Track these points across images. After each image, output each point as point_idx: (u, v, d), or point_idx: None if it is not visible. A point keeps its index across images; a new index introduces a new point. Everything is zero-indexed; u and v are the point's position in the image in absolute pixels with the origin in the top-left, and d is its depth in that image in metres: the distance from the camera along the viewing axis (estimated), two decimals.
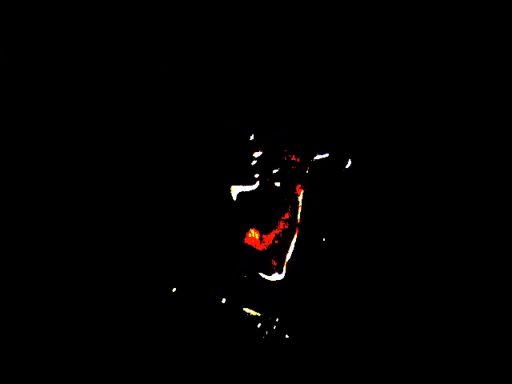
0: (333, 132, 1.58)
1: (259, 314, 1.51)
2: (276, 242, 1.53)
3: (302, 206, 1.54)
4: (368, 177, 1.56)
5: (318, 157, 1.56)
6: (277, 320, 1.52)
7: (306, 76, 1.61)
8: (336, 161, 1.56)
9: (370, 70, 1.59)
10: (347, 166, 1.54)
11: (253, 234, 1.53)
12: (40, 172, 1.60)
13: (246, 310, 1.52)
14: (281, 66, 1.61)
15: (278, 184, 1.55)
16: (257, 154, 1.56)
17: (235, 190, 1.56)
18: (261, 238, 1.54)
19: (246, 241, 1.54)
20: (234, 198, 1.57)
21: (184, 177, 1.60)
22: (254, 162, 1.57)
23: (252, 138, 1.59)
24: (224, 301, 1.53)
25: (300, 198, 1.54)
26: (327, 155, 1.55)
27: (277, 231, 1.54)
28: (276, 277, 1.53)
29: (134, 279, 1.57)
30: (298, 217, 1.54)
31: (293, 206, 1.54)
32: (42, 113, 1.62)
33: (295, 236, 1.54)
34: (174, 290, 1.55)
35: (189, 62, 1.62)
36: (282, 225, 1.54)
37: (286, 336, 1.52)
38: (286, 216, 1.54)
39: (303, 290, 1.54)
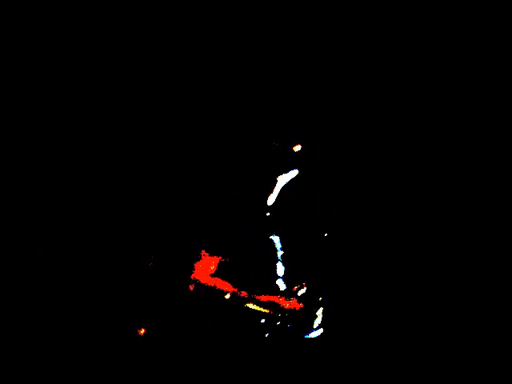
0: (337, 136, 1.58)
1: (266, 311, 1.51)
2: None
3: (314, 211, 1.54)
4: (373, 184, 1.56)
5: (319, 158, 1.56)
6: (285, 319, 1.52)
7: (307, 76, 1.61)
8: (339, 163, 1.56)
9: (371, 72, 1.60)
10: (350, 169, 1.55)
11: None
12: (40, 172, 1.60)
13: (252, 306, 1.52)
14: (281, 66, 1.61)
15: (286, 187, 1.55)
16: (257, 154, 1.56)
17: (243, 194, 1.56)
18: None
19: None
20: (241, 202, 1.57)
21: (184, 177, 1.60)
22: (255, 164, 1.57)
23: (251, 137, 1.59)
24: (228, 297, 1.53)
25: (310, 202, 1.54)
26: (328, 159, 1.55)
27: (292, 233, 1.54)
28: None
29: (134, 278, 1.57)
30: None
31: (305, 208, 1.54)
32: (42, 113, 1.61)
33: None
34: (174, 291, 1.55)
35: (189, 62, 1.62)
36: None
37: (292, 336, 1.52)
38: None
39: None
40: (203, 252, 1.57)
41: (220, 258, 1.57)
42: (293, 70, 1.61)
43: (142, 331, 1.52)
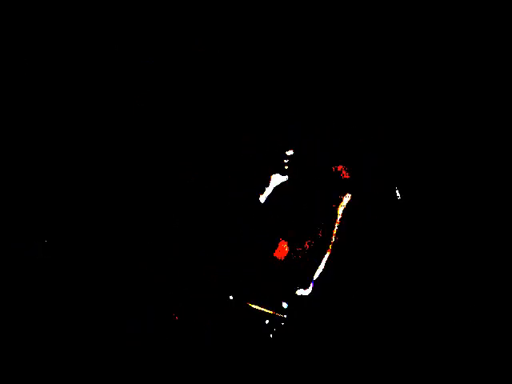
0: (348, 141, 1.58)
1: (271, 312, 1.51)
2: (304, 254, 1.52)
3: (338, 219, 1.54)
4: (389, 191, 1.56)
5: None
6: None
7: (307, 76, 1.61)
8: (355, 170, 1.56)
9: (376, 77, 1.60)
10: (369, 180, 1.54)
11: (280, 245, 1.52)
12: (40, 172, 1.60)
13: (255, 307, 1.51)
14: (281, 66, 1.61)
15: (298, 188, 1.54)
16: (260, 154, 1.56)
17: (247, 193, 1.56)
18: (290, 247, 1.52)
19: (276, 252, 1.53)
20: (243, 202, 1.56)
21: (184, 177, 1.60)
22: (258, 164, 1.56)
23: (250, 138, 1.59)
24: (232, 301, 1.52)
25: (339, 210, 1.53)
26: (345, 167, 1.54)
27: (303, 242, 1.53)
28: (302, 292, 1.52)
29: (134, 281, 1.57)
30: (333, 230, 1.53)
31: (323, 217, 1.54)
32: (42, 113, 1.61)
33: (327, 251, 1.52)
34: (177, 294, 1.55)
35: (189, 62, 1.62)
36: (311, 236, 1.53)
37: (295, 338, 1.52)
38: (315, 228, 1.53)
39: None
40: (205, 252, 1.57)
41: (220, 257, 1.57)
42: (293, 70, 1.61)
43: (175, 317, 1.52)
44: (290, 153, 1.59)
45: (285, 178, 1.58)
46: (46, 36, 1.61)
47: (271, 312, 1.51)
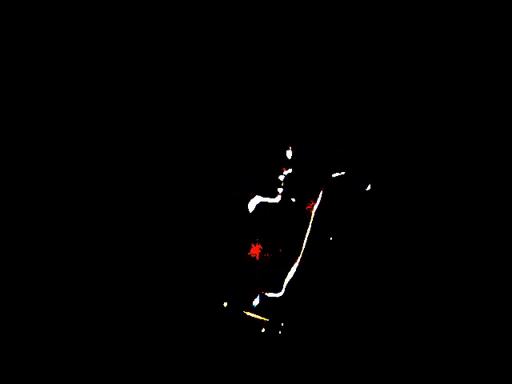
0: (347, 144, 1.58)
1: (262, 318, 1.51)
2: (279, 255, 1.52)
3: (310, 222, 1.54)
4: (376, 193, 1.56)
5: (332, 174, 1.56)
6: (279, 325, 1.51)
7: (307, 76, 1.61)
8: (347, 178, 1.55)
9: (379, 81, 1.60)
10: (366, 187, 1.54)
11: (256, 245, 1.52)
12: (40, 172, 1.60)
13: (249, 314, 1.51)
14: (281, 67, 1.61)
15: (288, 196, 1.54)
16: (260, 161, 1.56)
17: (245, 198, 1.56)
18: (263, 250, 1.53)
19: (250, 251, 1.53)
20: (240, 206, 1.57)
21: (184, 177, 1.60)
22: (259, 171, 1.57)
23: (251, 139, 1.59)
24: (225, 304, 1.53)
25: (311, 214, 1.54)
26: (340, 173, 1.54)
27: (282, 245, 1.53)
28: (273, 294, 1.52)
29: (132, 281, 1.57)
30: (306, 232, 1.54)
31: (301, 221, 1.54)
32: (43, 113, 1.62)
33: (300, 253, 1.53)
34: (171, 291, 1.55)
35: (189, 62, 1.62)
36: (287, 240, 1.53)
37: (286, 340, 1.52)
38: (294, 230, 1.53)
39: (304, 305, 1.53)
40: (204, 252, 1.57)
41: (220, 257, 1.57)
42: (293, 71, 1.61)
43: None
44: (290, 153, 1.59)
45: (284, 178, 1.58)
46: (46, 36, 1.61)
47: (263, 318, 1.51)
